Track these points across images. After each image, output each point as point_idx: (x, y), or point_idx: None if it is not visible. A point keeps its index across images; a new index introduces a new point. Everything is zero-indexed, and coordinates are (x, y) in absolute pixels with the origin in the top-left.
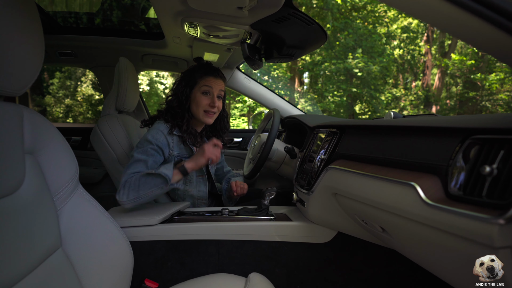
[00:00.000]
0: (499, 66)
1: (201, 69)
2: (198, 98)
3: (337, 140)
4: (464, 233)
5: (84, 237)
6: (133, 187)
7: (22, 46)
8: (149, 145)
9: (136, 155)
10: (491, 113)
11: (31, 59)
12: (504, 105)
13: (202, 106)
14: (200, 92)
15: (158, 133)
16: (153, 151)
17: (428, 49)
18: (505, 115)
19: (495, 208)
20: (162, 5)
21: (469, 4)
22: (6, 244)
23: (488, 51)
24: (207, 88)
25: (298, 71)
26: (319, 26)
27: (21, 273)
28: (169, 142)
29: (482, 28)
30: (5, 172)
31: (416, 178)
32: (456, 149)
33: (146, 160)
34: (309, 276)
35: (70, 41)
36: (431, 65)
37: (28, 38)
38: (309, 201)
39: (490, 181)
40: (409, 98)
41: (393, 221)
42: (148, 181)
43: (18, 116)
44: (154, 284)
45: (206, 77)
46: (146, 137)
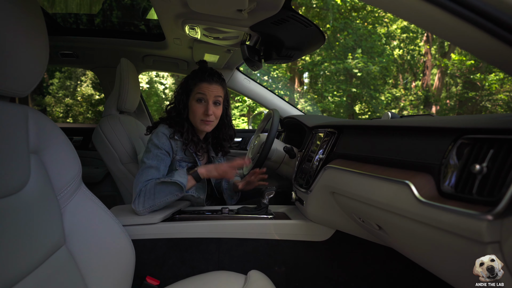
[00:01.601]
0: None
1: (196, 75)
2: (193, 107)
3: (335, 140)
4: (455, 229)
5: (87, 235)
6: (148, 196)
7: (28, 48)
8: (157, 150)
9: (146, 161)
10: (491, 113)
11: (36, 60)
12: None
13: (198, 115)
14: (195, 100)
15: (163, 136)
16: (162, 155)
17: (427, 49)
18: (495, 115)
19: (484, 204)
20: (163, 7)
21: (446, 4)
22: (13, 241)
23: (467, 49)
24: (201, 95)
25: (298, 71)
26: (317, 28)
27: (27, 270)
28: (173, 146)
29: (458, 25)
30: (11, 171)
31: (411, 177)
32: (448, 148)
33: (158, 166)
34: (307, 273)
35: (71, 42)
36: (431, 65)
37: (33, 40)
38: (308, 200)
39: (480, 179)
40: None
41: (388, 218)
42: (163, 189)
43: (24, 116)
44: (155, 281)
45: (200, 84)
46: (153, 142)
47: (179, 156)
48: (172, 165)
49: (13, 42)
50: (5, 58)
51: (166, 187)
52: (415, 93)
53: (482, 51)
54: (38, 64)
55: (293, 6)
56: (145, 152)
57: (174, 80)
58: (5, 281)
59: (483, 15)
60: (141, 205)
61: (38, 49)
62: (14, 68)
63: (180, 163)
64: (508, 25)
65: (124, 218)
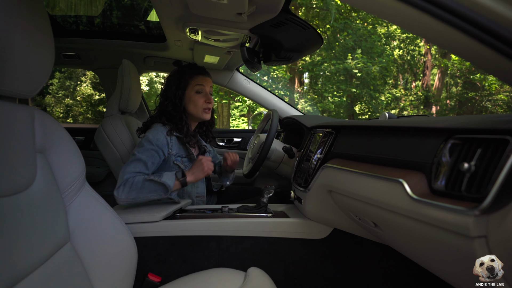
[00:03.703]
0: None
1: (189, 70)
2: (193, 98)
3: (333, 140)
4: (445, 225)
5: (91, 232)
6: (134, 188)
7: (35, 50)
8: (150, 145)
9: (137, 153)
10: (491, 113)
11: (43, 62)
12: (504, 105)
13: (200, 105)
14: (194, 91)
15: (159, 133)
16: (153, 151)
17: (427, 49)
18: (485, 116)
19: (472, 201)
20: (165, 10)
21: (419, 3)
22: (21, 238)
23: (450, 50)
24: (200, 87)
25: (298, 71)
26: (315, 31)
27: (34, 265)
28: (168, 142)
29: (432, 23)
30: (19, 169)
31: (404, 175)
32: (440, 148)
33: (146, 161)
34: (306, 270)
35: (74, 43)
36: (431, 65)
37: (40, 42)
38: (306, 198)
39: (469, 177)
40: (409, 98)
41: (383, 215)
42: (150, 187)
43: (30, 117)
44: (157, 278)
45: (196, 77)
46: (148, 137)
47: (175, 151)
48: (169, 160)
49: (21, 45)
50: (13, 61)
51: (153, 185)
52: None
53: (458, 48)
54: (45, 66)
55: (293, 7)
56: (137, 145)
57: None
58: (14, 276)
59: (450, 12)
60: (124, 194)
61: (45, 51)
62: (22, 70)
63: (176, 157)
64: (479, 23)
65: (127, 216)
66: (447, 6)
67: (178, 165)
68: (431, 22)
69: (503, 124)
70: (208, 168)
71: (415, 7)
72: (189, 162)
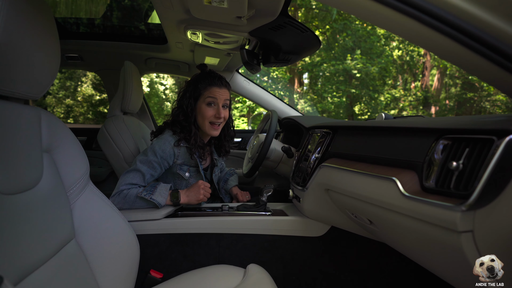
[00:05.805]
0: None
1: (205, 79)
2: (203, 110)
3: (330, 140)
4: (434, 220)
5: (95, 230)
6: (127, 201)
7: (42, 52)
8: (154, 157)
9: (138, 163)
10: (490, 113)
11: (49, 64)
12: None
13: (208, 118)
14: (205, 103)
15: (166, 143)
16: (155, 163)
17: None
18: (475, 117)
19: (460, 198)
20: (166, 13)
21: (395, 4)
22: (28, 234)
23: (430, 49)
24: (212, 99)
25: (297, 72)
26: (313, 33)
27: (40, 261)
28: (175, 152)
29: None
30: (26, 168)
31: (397, 174)
32: (430, 147)
33: (145, 173)
34: (304, 267)
35: (77, 45)
36: (430, 66)
37: (46, 44)
38: (304, 197)
39: (457, 175)
40: (408, 99)
41: (378, 213)
42: (141, 202)
43: (37, 117)
44: (159, 275)
45: (210, 88)
46: (154, 147)
47: (181, 160)
48: (173, 168)
49: (29, 48)
50: (22, 64)
51: (145, 202)
52: (414, 93)
53: (441, 50)
54: (51, 68)
55: (292, 8)
56: (142, 152)
57: (174, 81)
58: (22, 271)
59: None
60: (118, 205)
61: (51, 52)
62: (29, 72)
63: (182, 166)
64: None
65: (129, 214)
66: (415, 4)
67: (180, 175)
68: (407, 22)
69: (490, 124)
70: (204, 196)
71: (388, 6)
72: (196, 173)
